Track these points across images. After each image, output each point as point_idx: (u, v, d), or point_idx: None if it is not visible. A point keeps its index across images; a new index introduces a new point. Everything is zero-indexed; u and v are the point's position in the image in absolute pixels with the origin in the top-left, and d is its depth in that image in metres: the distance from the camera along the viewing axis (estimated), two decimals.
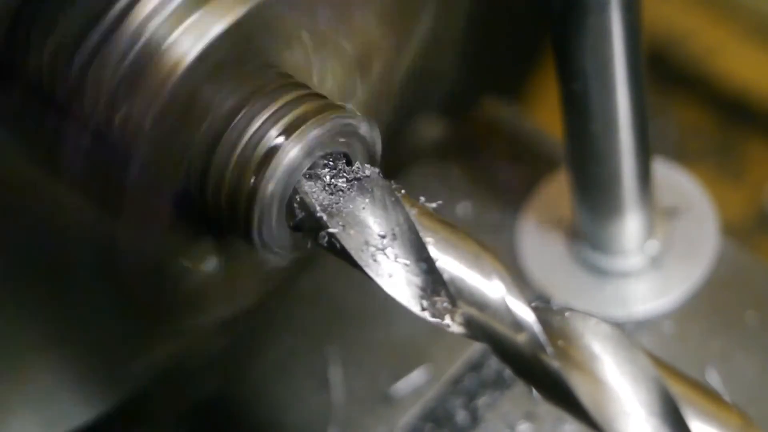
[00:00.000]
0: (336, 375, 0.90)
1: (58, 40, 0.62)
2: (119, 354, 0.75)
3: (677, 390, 0.54)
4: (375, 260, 0.59)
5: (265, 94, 0.62)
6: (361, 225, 0.60)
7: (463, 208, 0.98)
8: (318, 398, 0.89)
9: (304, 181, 0.61)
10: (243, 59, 0.63)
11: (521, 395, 0.87)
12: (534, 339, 0.55)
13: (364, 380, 0.90)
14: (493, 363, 0.89)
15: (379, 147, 0.65)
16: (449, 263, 0.57)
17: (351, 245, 0.59)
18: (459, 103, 1.08)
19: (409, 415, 0.88)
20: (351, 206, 0.60)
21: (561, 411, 0.56)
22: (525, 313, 0.56)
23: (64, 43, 0.61)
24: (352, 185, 0.61)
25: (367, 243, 0.59)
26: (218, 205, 0.63)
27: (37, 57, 0.63)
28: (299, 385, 0.90)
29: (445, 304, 0.58)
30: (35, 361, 0.69)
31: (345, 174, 0.61)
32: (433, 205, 0.61)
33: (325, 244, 0.61)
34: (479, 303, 0.56)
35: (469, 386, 0.89)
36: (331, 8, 0.69)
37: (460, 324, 0.58)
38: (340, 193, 0.61)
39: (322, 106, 0.62)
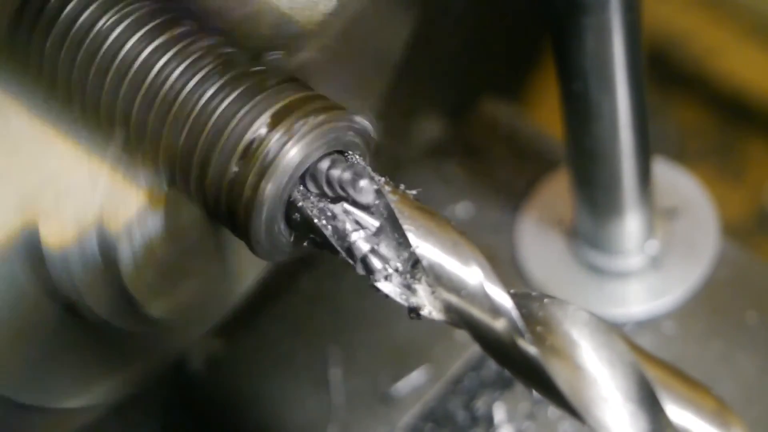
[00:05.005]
0: (336, 375, 0.90)
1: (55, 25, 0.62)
2: (119, 354, 0.75)
3: (654, 375, 0.55)
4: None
5: (265, 92, 0.62)
6: (342, 213, 0.60)
7: (463, 208, 0.98)
8: (318, 398, 0.89)
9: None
10: (241, 59, 0.63)
11: (521, 395, 0.87)
12: (512, 324, 0.55)
13: (364, 380, 0.90)
14: (494, 363, 0.89)
15: (373, 146, 0.65)
16: (428, 250, 0.58)
17: (332, 235, 0.60)
18: (459, 103, 1.08)
19: (409, 415, 0.88)
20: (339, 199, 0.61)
21: (559, 410, 0.57)
22: (503, 298, 0.56)
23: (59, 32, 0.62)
24: (343, 179, 0.62)
25: (347, 230, 0.60)
26: (217, 204, 0.63)
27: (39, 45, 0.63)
28: (299, 385, 0.90)
29: (425, 291, 0.58)
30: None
31: (334, 168, 0.62)
32: (414, 192, 0.61)
33: (311, 238, 0.61)
34: (458, 289, 0.57)
35: (469, 386, 0.89)
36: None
37: (440, 310, 0.58)
38: (332, 188, 0.61)
39: (324, 106, 0.62)
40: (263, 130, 0.61)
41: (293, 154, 0.61)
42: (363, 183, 0.60)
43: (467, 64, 1.12)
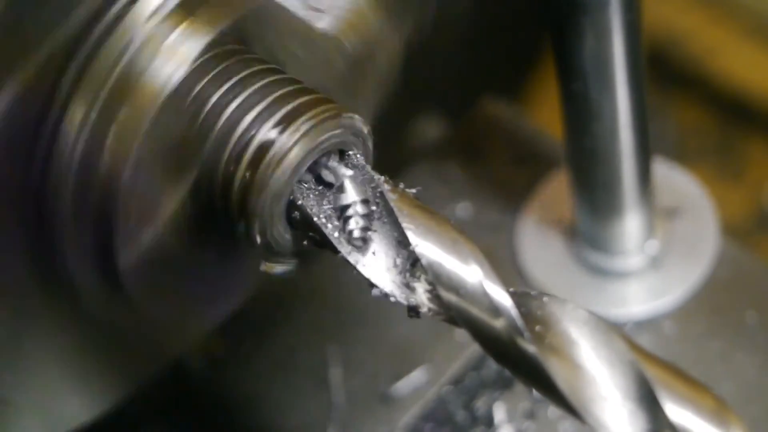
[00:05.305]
0: (336, 375, 0.90)
1: (49, 50, 0.62)
2: (119, 355, 0.75)
3: (652, 374, 0.55)
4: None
5: (264, 94, 0.62)
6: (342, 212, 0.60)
7: (463, 208, 0.98)
8: (318, 398, 0.89)
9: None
10: (240, 60, 0.63)
11: (521, 395, 0.87)
12: (511, 324, 0.56)
13: (364, 380, 0.90)
14: (494, 363, 0.89)
15: (372, 144, 0.65)
16: (428, 249, 0.58)
17: (331, 233, 0.60)
18: (459, 103, 1.08)
19: (409, 415, 0.88)
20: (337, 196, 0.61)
21: (559, 409, 0.57)
22: (502, 297, 0.56)
23: (55, 53, 0.61)
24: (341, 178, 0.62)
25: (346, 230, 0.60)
26: (219, 206, 0.63)
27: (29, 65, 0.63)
28: (299, 385, 0.90)
29: (424, 289, 0.58)
30: (37, 361, 0.69)
31: (335, 167, 0.62)
32: (413, 190, 0.61)
33: (311, 236, 0.61)
34: (457, 288, 0.57)
35: (469, 386, 0.89)
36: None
37: (439, 309, 0.58)
38: (331, 187, 0.61)
39: (323, 106, 0.62)
40: (273, 135, 0.61)
41: (294, 153, 0.61)
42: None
43: (467, 64, 1.12)
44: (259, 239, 0.63)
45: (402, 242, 0.59)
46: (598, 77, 0.77)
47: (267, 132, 0.61)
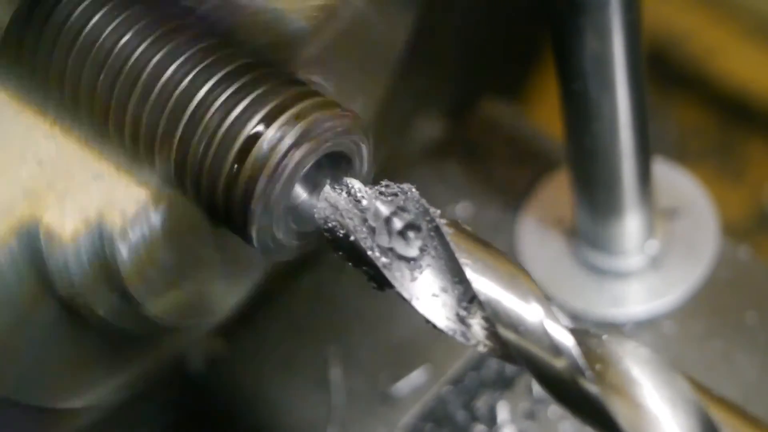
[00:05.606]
0: (336, 375, 0.90)
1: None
2: (119, 354, 0.75)
3: (717, 414, 0.53)
4: (412, 281, 0.59)
5: (266, 92, 0.62)
6: (396, 243, 0.59)
7: (463, 208, 0.98)
8: (318, 398, 0.89)
9: (329, 189, 0.61)
10: (231, 56, 0.63)
11: (521, 395, 0.87)
12: (573, 363, 0.54)
13: (364, 380, 0.90)
14: (494, 363, 0.89)
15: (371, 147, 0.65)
16: (486, 285, 0.57)
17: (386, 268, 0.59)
18: (459, 103, 1.08)
19: (409, 415, 0.88)
20: (379, 220, 0.60)
21: (565, 412, 0.56)
22: (564, 337, 0.55)
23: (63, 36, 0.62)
24: (385, 201, 0.61)
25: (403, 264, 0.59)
26: (218, 206, 0.63)
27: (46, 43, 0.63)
28: (299, 385, 0.90)
29: (481, 326, 0.58)
30: (37, 361, 0.70)
31: (380, 188, 0.61)
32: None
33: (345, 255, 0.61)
34: (517, 326, 0.56)
35: (469, 386, 0.89)
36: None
37: (496, 346, 0.57)
38: (369, 205, 0.60)
39: (325, 106, 0.62)
40: (260, 128, 0.61)
41: (292, 152, 0.61)
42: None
43: (467, 64, 1.12)
44: (258, 239, 0.63)
45: (459, 278, 0.58)
46: (598, 77, 0.77)
47: (261, 129, 0.61)
